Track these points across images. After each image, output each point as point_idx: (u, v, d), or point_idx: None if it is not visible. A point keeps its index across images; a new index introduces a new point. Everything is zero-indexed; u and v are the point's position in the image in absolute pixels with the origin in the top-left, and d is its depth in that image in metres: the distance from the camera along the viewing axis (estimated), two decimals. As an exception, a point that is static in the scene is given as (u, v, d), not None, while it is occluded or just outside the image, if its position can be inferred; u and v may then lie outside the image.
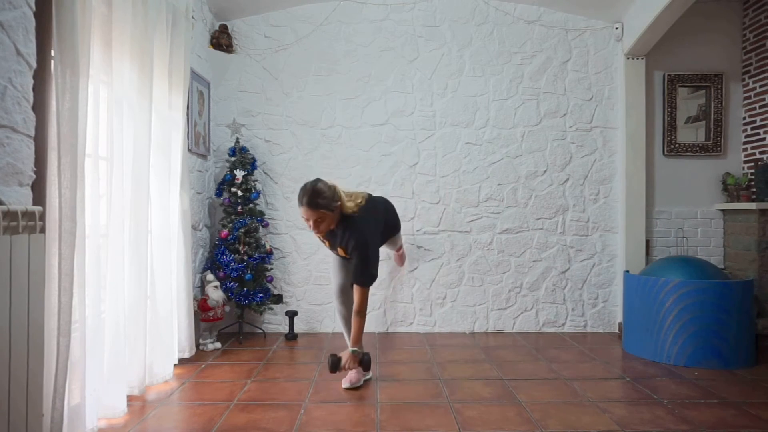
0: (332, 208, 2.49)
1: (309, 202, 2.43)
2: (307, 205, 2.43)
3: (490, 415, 2.32)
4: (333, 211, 2.50)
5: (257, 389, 2.65)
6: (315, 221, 2.47)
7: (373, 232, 2.70)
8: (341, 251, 2.71)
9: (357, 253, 2.56)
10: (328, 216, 2.49)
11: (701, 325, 3.03)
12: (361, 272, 2.56)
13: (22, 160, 1.65)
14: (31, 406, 1.49)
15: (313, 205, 2.43)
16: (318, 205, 2.44)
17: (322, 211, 2.45)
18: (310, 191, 2.45)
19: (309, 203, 2.43)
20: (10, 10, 1.59)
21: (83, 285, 1.96)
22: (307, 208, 2.43)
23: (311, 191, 2.44)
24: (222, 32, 3.83)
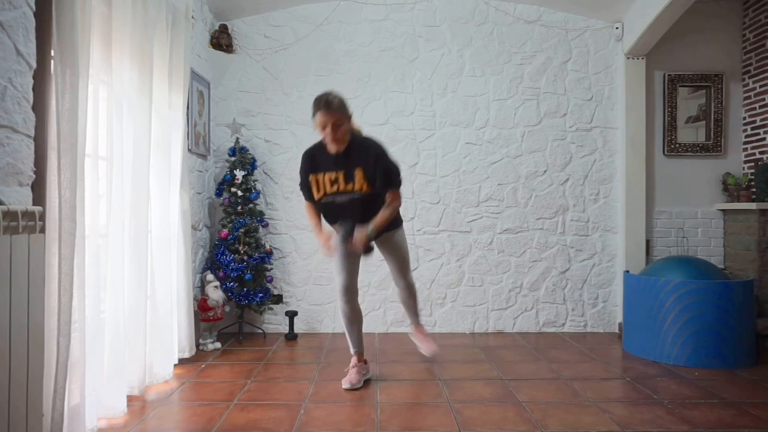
0: (346, 113, 2.46)
1: (327, 103, 2.40)
2: (325, 106, 2.39)
3: (490, 415, 2.32)
4: (347, 117, 2.46)
5: (257, 389, 2.65)
6: (333, 125, 2.39)
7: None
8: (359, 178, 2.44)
9: (382, 162, 2.47)
10: (345, 122, 2.43)
11: (701, 325, 3.03)
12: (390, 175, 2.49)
13: (22, 160, 1.65)
14: (31, 406, 1.49)
15: (331, 106, 2.40)
16: (335, 106, 2.41)
17: (339, 114, 2.41)
18: (326, 95, 2.44)
19: (327, 104, 2.40)
20: (10, 10, 1.59)
21: (83, 285, 1.96)
22: (325, 111, 2.39)
23: (327, 95, 2.44)
24: (222, 32, 3.83)
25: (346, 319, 2.78)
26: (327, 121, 2.40)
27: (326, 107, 2.40)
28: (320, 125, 2.43)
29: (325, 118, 2.40)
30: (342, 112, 2.43)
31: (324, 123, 2.41)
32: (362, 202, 2.49)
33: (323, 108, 2.40)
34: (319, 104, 2.42)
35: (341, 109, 2.43)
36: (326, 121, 2.40)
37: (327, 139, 2.44)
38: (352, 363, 2.78)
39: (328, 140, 2.44)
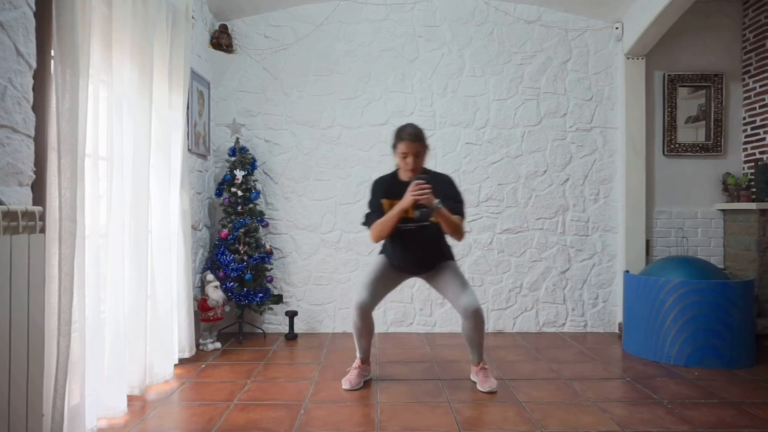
0: (427, 146, 2.62)
1: (413, 135, 2.54)
2: (409, 137, 2.53)
3: (490, 415, 2.32)
4: (427, 149, 2.62)
5: (257, 389, 2.65)
6: (414, 155, 2.53)
7: None
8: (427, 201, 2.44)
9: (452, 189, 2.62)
10: (422, 153, 2.58)
11: (701, 325, 3.03)
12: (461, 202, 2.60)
13: (22, 160, 1.65)
14: (31, 406, 1.49)
15: (417, 138, 2.54)
16: (420, 138, 2.56)
17: (421, 145, 2.56)
18: (413, 126, 2.58)
19: (412, 135, 2.53)
20: (10, 10, 1.59)
21: (83, 285, 1.96)
22: (410, 142, 2.52)
23: (414, 126, 2.58)
24: (222, 32, 3.83)
25: (356, 332, 2.71)
26: (410, 151, 2.53)
27: (410, 138, 2.53)
28: (402, 154, 2.56)
29: (408, 148, 2.53)
30: (423, 142, 2.57)
31: (409, 151, 2.53)
32: (428, 230, 2.57)
33: (407, 138, 2.53)
34: (403, 134, 2.55)
35: (423, 139, 2.58)
36: (409, 151, 2.53)
37: (406, 167, 2.56)
38: (355, 364, 2.77)
39: (408, 169, 2.56)
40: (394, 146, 2.60)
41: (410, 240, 2.61)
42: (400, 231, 2.57)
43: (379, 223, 2.54)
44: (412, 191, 2.39)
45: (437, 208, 2.40)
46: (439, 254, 2.73)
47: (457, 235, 2.53)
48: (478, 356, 2.72)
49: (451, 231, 2.51)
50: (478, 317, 2.60)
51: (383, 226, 2.52)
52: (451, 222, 2.47)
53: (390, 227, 2.51)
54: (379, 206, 2.60)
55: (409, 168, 2.55)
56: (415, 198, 2.38)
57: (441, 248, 2.74)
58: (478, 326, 2.62)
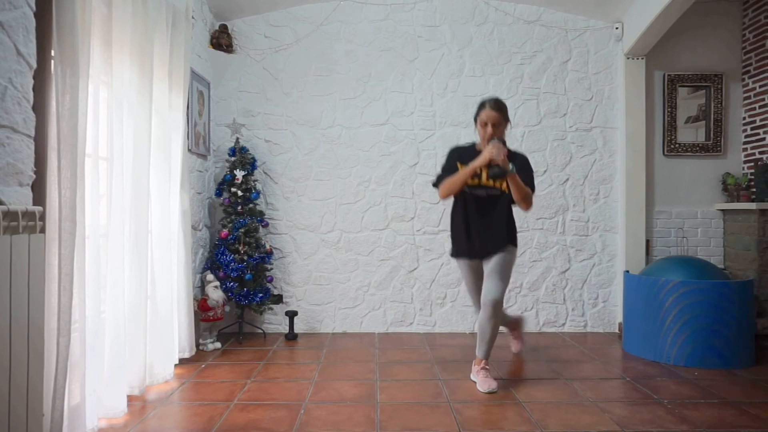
0: (508, 119, 2.71)
1: (495, 104, 2.64)
2: (492, 107, 2.63)
3: (490, 415, 2.32)
4: (507, 121, 2.70)
5: (257, 389, 2.65)
6: (493, 124, 2.62)
7: None
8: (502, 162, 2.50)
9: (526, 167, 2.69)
10: (502, 124, 2.67)
11: (701, 325, 3.03)
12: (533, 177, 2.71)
13: (22, 160, 1.65)
14: (31, 406, 1.49)
15: (498, 107, 2.64)
16: (501, 108, 2.66)
17: (502, 115, 2.65)
18: (495, 98, 2.71)
19: (494, 105, 2.64)
20: (10, 10, 1.59)
21: (83, 285, 1.96)
22: (492, 109, 2.63)
23: (497, 98, 2.71)
24: (222, 32, 3.83)
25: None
26: (490, 119, 2.63)
27: (494, 107, 2.64)
28: (482, 123, 2.65)
29: (491, 114, 2.63)
30: (504, 113, 2.67)
31: (489, 118, 2.63)
32: (497, 199, 2.68)
33: (491, 106, 2.64)
34: (487, 102, 2.67)
35: (504, 111, 2.67)
36: (489, 119, 2.63)
37: (485, 136, 2.64)
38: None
39: (486, 137, 2.63)
40: (476, 116, 2.70)
41: (480, 208, 2.70)
42: (471, 197, 2.70)
43: (452, 179, 2.65)
44: (489, 150, 2.50)
45: (511, 171, 2.50)
46: (506, 231, 2.72)
47: (525, 204, 2.62)
48: (483, 352, 2.71)
49: (520, 197, 2.59)
50: (490, 308, 2.62)
51: (455, 180, 2.64)
52: (521, 188, 2.57)
53: (461, 183, 2.63)
54: (453, 168, 2.71)
55: (488, 136, 2.63)
56: (491, 156, 2.48)
57: (509, 224, 2.76)
58: (490, 319, 2.64)
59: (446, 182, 2.67)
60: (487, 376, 2.67)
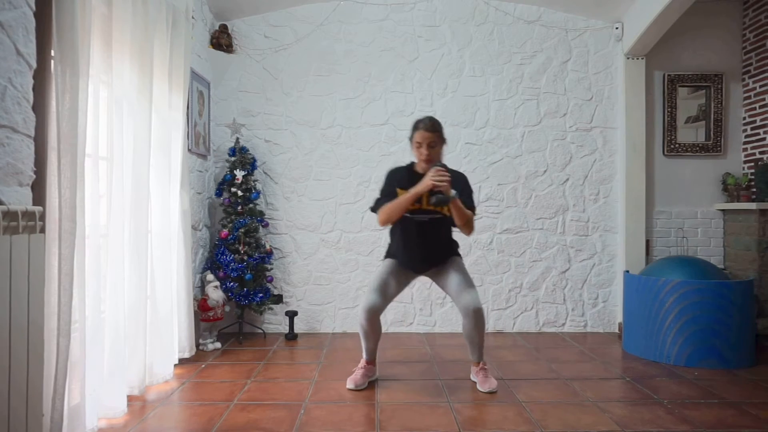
0: (444, 138, 2.64)
1: (429, 124, 2.57)
2: (426, 127, 2.56)
3: (490, 415, 2.32)
4: (443, 142, 2.64)
5: (257, 389, 2.65)
6: (429, 144, 2.55)
7: None
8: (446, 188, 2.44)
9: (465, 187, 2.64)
10: (439, 144, 2.60)
11: (701, 325, 3.03)
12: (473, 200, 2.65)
13: (22, 160, 1.65)
14: (31, 406, 1.49)
15: (432, 128, 2.57)
16: (436, 128, 2.58)
17: (437, 135, 2.58)
18: (431, 117, 2.63)
19: (429, 125, 2.57)
20: (10, 10, 1.59)
21: (83, 285, 1.96)
22: (424, 131, 2.55)
23: (431, 117, 2.63)
24: (222, 32, 3.83)
25: (363, 334, 2.71)
26: (425, 140, 2.56)
27: (429, 127, 2.56)
28: (417, 144, 2.59)
29: (425, 136, 2.55)
30: (439, 133, 2.60)
31: (423, 140, 2.56)
32: (439, 223, 2.63)
33: (425, 127, 2.57)
34: (419, 123, 2.61)
35: (441, 130, 2.61)
36: (424, 140, 2.56)
37: (421, 157, 2.59)
38: (361, 364, 2.77)
39: (422, 159, 2.58)
40: (411, 137, 2.63)
41: (420, 233, 2.64)
42: (412, 223, 2.62)
43: (392, 204, 2.54)
44: (432, 176, 2.40)
45: (453, 198, 2.42)
46: (447, 249, 2.77)
47: (467, 229, 2.57)
48: (477, 356, 2.72)
49: (462, 223, 2.54)
50: (478, 316, 2.59)
51: (395, 207, 2.53)
52: (464, 213, 2.51)
53: (402, 209, 2.53)
54: (392, 194, 2.61)
55: (424, 158, 2.57)
56: (433, 183, 2.39)
57: (449, 243, 2.78)
58: (478, 325, 2.62)
59: (385, 208, 2.56)
60: (486, 375, 2.68)
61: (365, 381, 2.71)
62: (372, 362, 2.79)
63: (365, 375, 2.72)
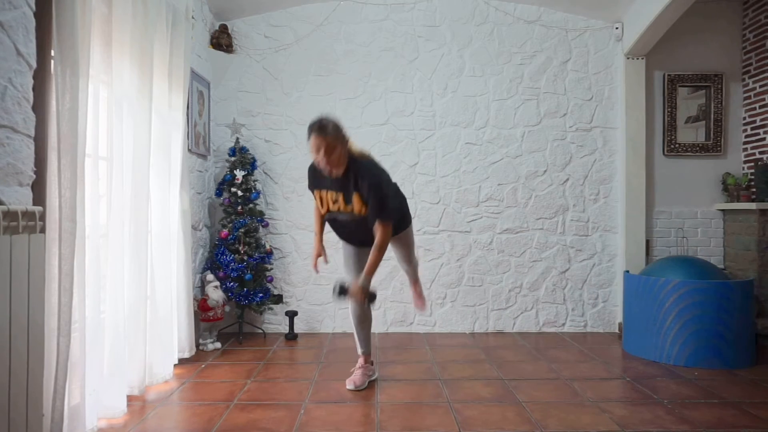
0: (340, 138, 2.42)
1: (320, 128, 2.38)
2: (317, 131, 2.38)
3: (490, 415, 2.32)
4: (341, 142, 2.42)
5: (257, 389, 2.65)
6: (326, 149, 2.36)
7: (388, 180, 2.57)
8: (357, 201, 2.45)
9: (373, 193, 2.42)
10: (338, 147, 2.40)
11: (701, 325, 3.03)
12: (380, 208, 2.43)
13: (22, 160, 1.65)
14: (31, 406, 1.49)
15: (324, 131, 2.38)
16: (327, 131, 2.38)
17: (331, 138, 2.37)
18: (319, 120, 2.43)
19: (320, 129, 2.38)
20: (10, 10, 1.59)
21: (83, 285, 1.96)
22: (317, 135, 2.37)
23: (320, 119, 2.44)
24: (222, 32, 3.83)
25: (356, 319, 2.76)
26: (319, 145, 2.38)
27: (318, 132, 2.38)
28: (313, 149, 2.41)
29: (317, 142, 2.38)
30: (335, 136, 2.40)
31: (317, 146, 2.39)
32: (363, 222, 2.50)
33: (315, 132, 2.39)
34: (312, 128, 2.42)
35: (334, 133, 2.40)
36: (318, 145, 2.38)
37: (320, 163, 2.41)
38: (359, 364, 2.77)
39: (322, 164, 2.41)
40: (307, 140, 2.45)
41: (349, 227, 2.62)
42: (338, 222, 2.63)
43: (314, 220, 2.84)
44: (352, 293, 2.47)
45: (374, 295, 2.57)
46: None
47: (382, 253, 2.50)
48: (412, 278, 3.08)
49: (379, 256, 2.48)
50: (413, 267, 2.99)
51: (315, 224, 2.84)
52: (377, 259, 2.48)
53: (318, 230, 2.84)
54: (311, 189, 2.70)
55: (324, 165, 2.41)
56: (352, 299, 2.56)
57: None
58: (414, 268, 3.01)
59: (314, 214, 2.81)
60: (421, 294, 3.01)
61: (365, 381, 2.71)
62: (368, 358, 2.79)
63: (365, 374, 2.73)
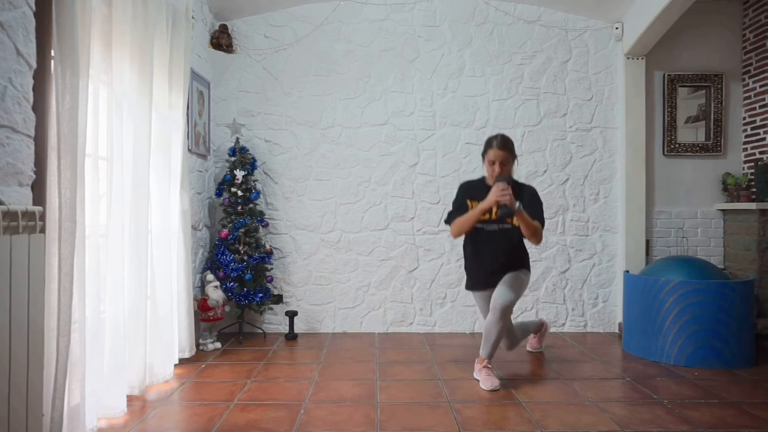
0: (515, 155, 2.77)
1: (501, 143, 2.70)
2: (499, 146, 2.69)
3: (490, 415, 2.32)
4: (514, 158, 2.75)
5: (257, 389, 2.65)
6: (500, 162, 2.68)
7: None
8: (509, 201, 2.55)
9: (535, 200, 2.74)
10: (510, 162, 2.72)
11: (701, 325, 3.03)
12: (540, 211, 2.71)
13: (22, 160, 1.65)
14: (31, 406, 1.49)
15: (504, 146, 2.70)
16: (508, 147, 2.72)
17: (509, 154, 2.71)
18: (503, 135, 2.75)
19: (501, 144, 2.70)
20: (10, 10, 1.59)
21: (83, 285, 1.96)
22: (498, 150, 2.69)
23: (503, 136, 2.75)
24: (222, 32, 3.83)
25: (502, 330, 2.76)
26: (497, 158, 2.69)
27: (498, 146, 2.70)
28: (490, 161, 2.72)
29: (495, 156, 2.69)
30: (512, 152, 2.73)
31: (493, 160, 2.70)
32: (509, 233, 2.75)
33: (496, 146, 2.70)
34: (492, 141, 2.73)
35: (512, 149, 2.73)
36: (496, 158, 2.69)
37: (493, 174, 2.70)
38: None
39: (494, 175, 2.70)
40: (484, 153, 2.77)
41: (491, 242, 2.78)
42: (484, 232, 2.77)
43: (462, 219, 2.72)
44: (494, 192, 2.55)
45: (518, 210, 2.56)
46: (518, 260, 2.85)
47: (534, 239, 2.66)
48: (486, 352, 2.77)
49: (529, 234, 2.64)
50: (498, 312, 2.67)
51: (465, 221, 2.70)
52: (529, 224, 2.60)
53: (471, 223, 2.70)
54: (463, 206, 2.78)
55: (496, 174, 2.69)
56: (496, 199, 2.54)
57: (521, 254, 2.88)
58: (497, 322, 2.69)
59: (457, 222, 2.74)
60: (489, 374, 2.71)
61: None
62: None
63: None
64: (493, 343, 2.75)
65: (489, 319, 2.72)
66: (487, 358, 2.77)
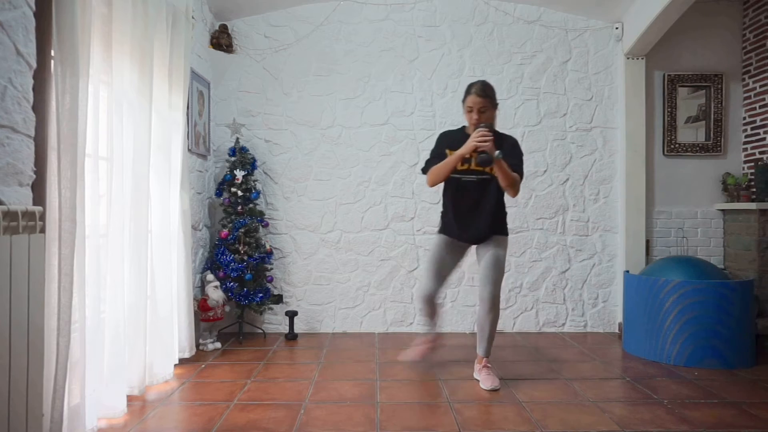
0: (495, 103, 2.67)
1: (480, 89, 2.60)
2: (478, 92, 2.59)
3: (490, 415, 2.32)
4: (493, 106, 2.65)
5: (257, 389, 2.65)
6: (479, 109, 2.58)
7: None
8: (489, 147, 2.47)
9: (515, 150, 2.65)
10: (488, 109, 2.62)
11: (701, 325, 3.03)
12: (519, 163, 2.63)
13: (22, 160, 1.65)
14: (31, 406, 1.49)
15: (483, 93, 2.60)
16: (487, 93, 2.61)
17: (488, 101, 2.61)
18: (483, 81, 2.66)
19: (480, 90, 2.60)
20: (10, 10, 1.59)
21: (83, 285, 1.96)
22: (476, 96, 2.59)
23: (484, 82, 2.66)
24: (222, 32, 3.83)
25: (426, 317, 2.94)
26: (475, 105, 2.59)
27: (477, 92, 2.60)
28: (468, 108, 2.63)
29: (473, 103, 2.59)
30: (492, 99, 2.63)
31: (472, 106, 2.60)
32: (488, 183, 2.66)
33: (475, 92, 2.60)
34: (471, 89, 2.63)
35: (491, 96, 2.63)
36: (474, 105, 2.59)
37: (471, 122, 2.62)
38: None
39: (472, 123, 2.61)
40: (463, 100, 2.67)
41: (469, 194, 2.69)
42: (462, 182, 2.68)
43: (439, 166, 2.63)
44: (474, 137, 2.47)
45: (497, 157, 2.46)
46: (496, 219, 2.74)
47: (512, 190, 2.58)
48: (483, 349, 2.76)
49: (507, 184, 2.56)
50: (488, 303, 2.65)
51: (443, 167, 2.62)
52: (508, 174, 2.52)
53: (448, 170, 2.61)
54: (441, 155, 2.69)
55: (474, 122, 2.60)
56: (476, 144, 2.46)
57: (499, 212, 2.76)
58: (488, 312, 2.67)
59: (434, 169, 2.66)
60: (489, 374, 2.71)
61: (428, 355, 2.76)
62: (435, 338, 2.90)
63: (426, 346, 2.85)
64: (488, 338, 2.74)
65: (479, 313, 2.72)
66: (485, 356, 2.77)
